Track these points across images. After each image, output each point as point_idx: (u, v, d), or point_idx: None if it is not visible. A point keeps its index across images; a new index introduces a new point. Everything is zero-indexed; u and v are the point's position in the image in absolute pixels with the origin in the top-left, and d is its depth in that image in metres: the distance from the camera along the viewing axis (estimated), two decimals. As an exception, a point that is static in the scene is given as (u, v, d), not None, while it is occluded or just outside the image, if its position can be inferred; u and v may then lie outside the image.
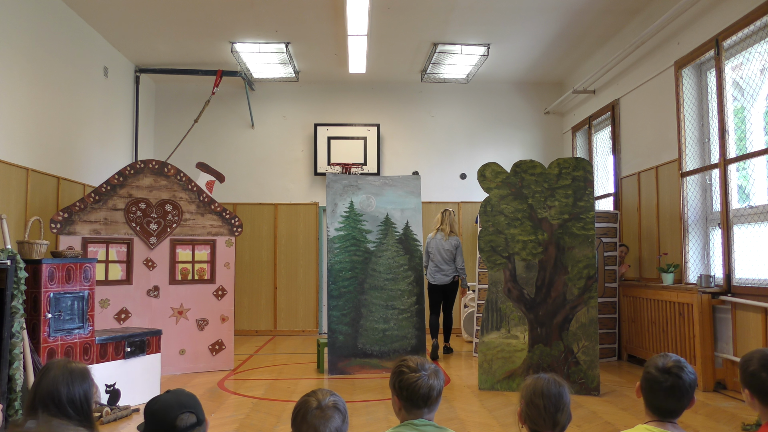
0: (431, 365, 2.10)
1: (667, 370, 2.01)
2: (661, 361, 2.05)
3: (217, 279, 6.31)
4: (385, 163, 9.21)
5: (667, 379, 1.99)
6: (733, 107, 5.40)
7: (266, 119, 9.26)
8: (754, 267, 5.00)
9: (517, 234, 5.35)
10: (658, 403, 2.01)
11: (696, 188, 5.82)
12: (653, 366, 2.04)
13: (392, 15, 6.76)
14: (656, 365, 2.04)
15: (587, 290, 5.21)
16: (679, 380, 1.99)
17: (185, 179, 6.27)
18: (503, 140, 9.31)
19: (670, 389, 1.98)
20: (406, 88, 9.29)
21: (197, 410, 1.81)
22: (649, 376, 2.03)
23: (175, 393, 1.86)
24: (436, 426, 2.04)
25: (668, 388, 1.99)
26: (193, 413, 1.79)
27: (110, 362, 4.72)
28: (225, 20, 6.90)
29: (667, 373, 2.00)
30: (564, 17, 6.83)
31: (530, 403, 1.94)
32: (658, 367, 2.03)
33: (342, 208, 6.25)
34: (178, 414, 1.79)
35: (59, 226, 5.68)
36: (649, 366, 2.06)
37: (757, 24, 4.88)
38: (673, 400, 1.99)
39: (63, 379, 1.98)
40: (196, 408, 1.82)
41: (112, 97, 7.73)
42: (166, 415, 1.81)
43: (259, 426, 4.21)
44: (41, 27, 5.97)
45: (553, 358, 5.21)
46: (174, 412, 1.80)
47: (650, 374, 2.03)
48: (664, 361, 2.04)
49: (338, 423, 1.74)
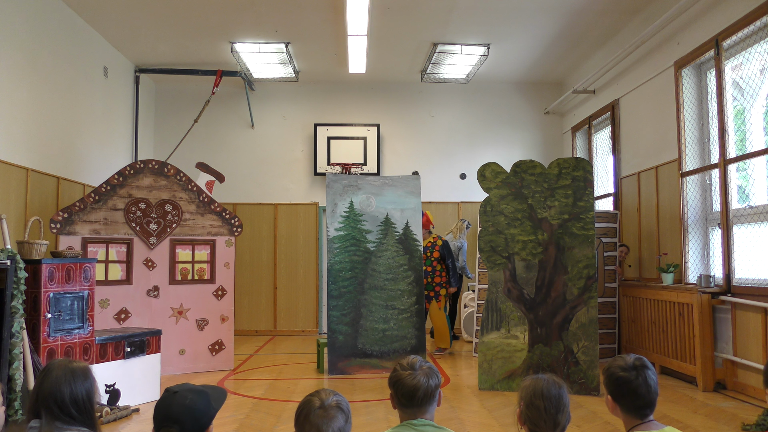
0: (426, 364, 2.10)
1: (633, 366, 2.04)
2: (621, 362, 2.07)
3: (217, 279, 6.31)
4: (385, 163, 9.21)
5: (636, 374, 2.02)
6: (732, 107, 5.40)
7: (266, 119, 9.26)
8: (754, 267, 5.00)
9: (517, 234, 5.35)
10: (638, 402, 2.02)
11: (696, 188, 5.82)
12: (618, 369, 2.05)
13: (392, 15, 6.76)
14: (620, 367, 2.05)
15: (587, 290, 5.21)
16: (648, 371, 2.04)
17: (185, 179, 6.27)
18: (503, 140, 9.31)
19: (645, 382, 2.01)
20: (406, 88, 9.29)
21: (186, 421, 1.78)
22: (621, 380, 2.03)
23: (172, 398, 1.83)
24: (435, 426, 2.04)
25: (643, 381, 2.01)
26: (174, 427, 1.77)
27: (110, 362, 4.72)
28: (225, 20, 6.90)
29: (635, 369, 2.03)
30: (564, 17, 6.83)
31: (530, 404, 1.93)
32: (624, 367, 2.05)
33: (342, 208, 6.25)
34: (159, 428, 1.79)
35: (59, 226, 5.68)
36: (613, 372, 2.06)
37: (756, 24, 4.88)
38: (649, 394, 2.01)
39: (65, 380, 1.97)
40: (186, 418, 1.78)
41: (112, 97, 7.72)
42: (154, 424, 1.81)
43: (259, 426, 4.21)
44: (41, 27, 5.97)
45: (553, 358, 5.20)
46: (158, 425, 1.80)
47: (620, 377, 2.03)
48: (625, 361, 2.07)
49: (341, 423, 1.73)
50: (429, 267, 7.10)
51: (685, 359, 5.46)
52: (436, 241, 7.17)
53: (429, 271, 7.12)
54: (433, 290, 7.13)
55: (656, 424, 2.03)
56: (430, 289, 7.12)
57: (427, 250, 7.13)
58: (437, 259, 7.13)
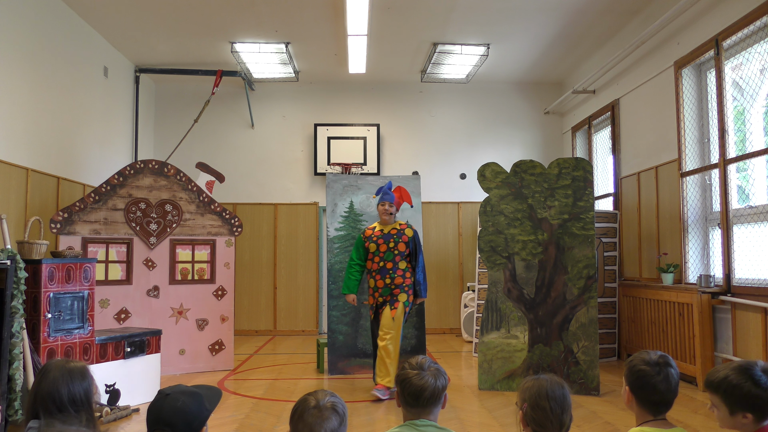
0: (434, 365, 2.10)
1: (656, 362, 2.04)
2: (646, 356, 2.07)
3: (217, 279, 6.31)
4: (385, 163, 9.21)
5: (659, 370, 2.02)
6: (732, 107, 5.40)
7: (266, 119, 9.26)
8: (754, 267, 5.00)
9: (517, 234, 5.35)
10: (656, 398, 2.02)
11: (696, 188, 5.82)
12: (641, 363, 2.05)
13: (392, 15, 6.76)
14: (644, 360, 2.06)
15: (587, 290, 5.21)
16: (671, 368, 2.04)
17: (185, 179, 6.27)
18: (503, 140, 9.31)
19: (666, 379, 2.01)
20: (406, 88, 9.29)
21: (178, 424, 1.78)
22: (642, 373, 2.03)
23: (163, 401, 1.83)
24: (437, 427, 2.04)
25: (664, 378, 2.01)
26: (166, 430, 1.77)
27: (110, 362, 4.72)
28: (225, 20, 6.89)
29: (658, 365, 2.03)
30: (564, 17, 6.83)
31: (535, 406, 1.92)
32: (648, 362, 2.05)
33: (342, 208, 6.25)
34: (152, 431, 1.79)
35: (59, 226, 5.68)
36: (635, 365, 2.06)
37: (756, 24, 4.88)
38: (669, 391, 2.02)
39: (63, 380, 1.97)
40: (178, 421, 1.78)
41: (112, 97, 7.72)
42: (147, 426, 1.81)
43: (259, 426, 4.21)
44: (41, 27, 5.97)
45: (552, 358, 5.21)
46: (150, 428, 1.80)
47: (642, 371, 2.03)
48: (649, 356, 2.07)
49: (334, 425, 1.72)
50: (389, 263, 5.18)
51: (685, 359, 5.46)
52: (403, 230, 5.29)
53: (389, 268, 5.16)
54: (390, 294, 5.15)
55: (667, 422, 2.03)
56: (386, 293, 5.15)
57: (389, 239, 5.22)
58: (402, 254, 5.22)
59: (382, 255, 5.19)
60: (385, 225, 5.30)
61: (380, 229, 5.30)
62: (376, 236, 5.26)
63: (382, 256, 5.19)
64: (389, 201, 5.26)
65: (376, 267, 5.20)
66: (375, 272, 5.20)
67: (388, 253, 5.18)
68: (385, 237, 5.23)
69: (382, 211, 5.27)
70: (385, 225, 5.31)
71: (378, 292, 5.18)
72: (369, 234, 5.32)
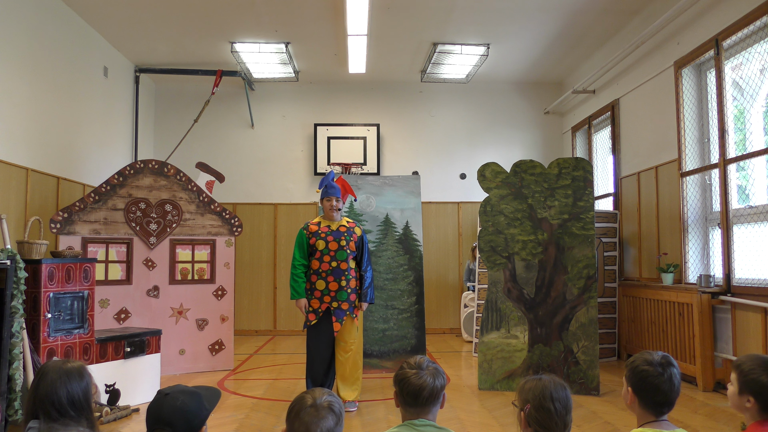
0: (432, 365, 2.10)
1: (659, 363, 2.04)
2: (648, 357, 2.07)
3: (217, 279, 6.31)
4: (384, 163, 9.21)
5: (663, 371, 2.02)
6: (733, 107, 5.40)
7: (266, 119, 9.26)
8: (754, 267, 5.00)
9: (517, 234, 5.35)
10: (660, 398, 2.01)
11: (696, 188, 5.82)
12: (644, 363, 2.05)
13: (392, 15, 6.76)
14: (647, 361, 2.05)
15: (587, 290, 5.21)
16: (674, 368, 2.04)
17: (185, 179, 6.27)
18: (503, 140, 9.31)
19: (669, 380, 2.01)
20: (406, 88, 9.29)
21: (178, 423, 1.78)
22: (645, 373, 2.03)
23: (163, 400, 1.83)
24: (436, 426, 2.03)
25: (667, 379, 2.01)
26: (166, 430, 1.77)
27: (110, 362, 4.72)
28: (225, 20, 6.89)
29: (661, 365, 2.03)
30: (564, 17, 6.83)
31: (540, 407, 1.90)
32: (651, 362, 2.04)
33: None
34: (151, 431, 1.79)
35: (59, 226, 5.68)
36: (638, 366, 2.06)
37: (756, 24, 4.88)
38: (672, 392, 2.02)
39: (60, 382, 1.97)
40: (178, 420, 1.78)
41: (112, 97, 7.72)
42: (147, 426, 1.81)
43: (258, 426, 4.21)
44: (41, 27, 5.97)
45: (552, 358, 5.21)
46: (150, 427, 1.80)
47: (645, 371, 2.03)
48: (651, 356, 2.07)
49: (330, 424, 1.72)
50: (343, 263, 4.69)
51: (684, 359, 5.46)
52: (352, 228, 4.85)
53: (343, 269, 4.68)
54: (346, 300, 4.68)
55: (669, 424, 2.02)
56: (342, 297, 4.66)
57: (339, 237, 4.73)
58: (353, 254, 4.78)
59: (333, 254, 4.67)
60: (332, 221, 4.82)
61: (327, 225, 4.78)
62: (324, 233, 4.72)
63: (333, 255, 4.67)
64: (336, 195, 4.79)
65: (327, 267, 4.66)
66: (326, 273, 4.66)
67: (340, 252, 4.68)
68: (334, 234, 4.73)
69: (328, 206, 4.77)
70: (332, 221, 4.82)
71: (330, 296, 4.65)
72: (315, 230, 4.75)
